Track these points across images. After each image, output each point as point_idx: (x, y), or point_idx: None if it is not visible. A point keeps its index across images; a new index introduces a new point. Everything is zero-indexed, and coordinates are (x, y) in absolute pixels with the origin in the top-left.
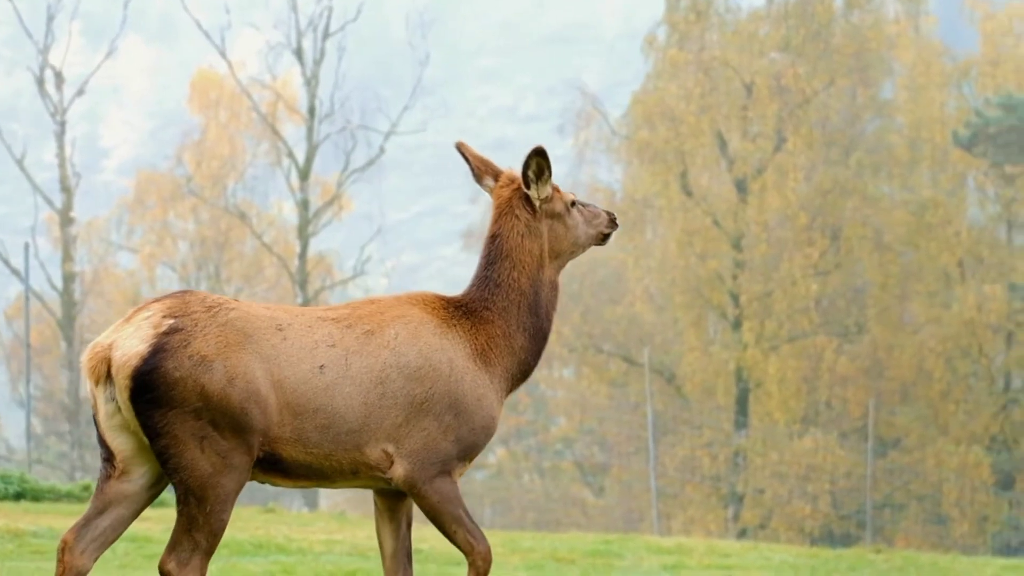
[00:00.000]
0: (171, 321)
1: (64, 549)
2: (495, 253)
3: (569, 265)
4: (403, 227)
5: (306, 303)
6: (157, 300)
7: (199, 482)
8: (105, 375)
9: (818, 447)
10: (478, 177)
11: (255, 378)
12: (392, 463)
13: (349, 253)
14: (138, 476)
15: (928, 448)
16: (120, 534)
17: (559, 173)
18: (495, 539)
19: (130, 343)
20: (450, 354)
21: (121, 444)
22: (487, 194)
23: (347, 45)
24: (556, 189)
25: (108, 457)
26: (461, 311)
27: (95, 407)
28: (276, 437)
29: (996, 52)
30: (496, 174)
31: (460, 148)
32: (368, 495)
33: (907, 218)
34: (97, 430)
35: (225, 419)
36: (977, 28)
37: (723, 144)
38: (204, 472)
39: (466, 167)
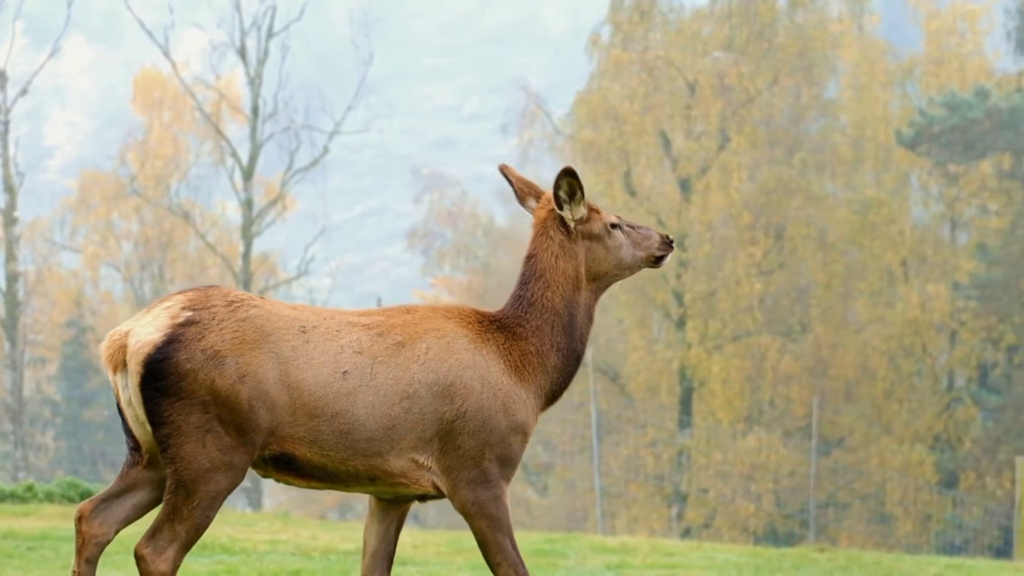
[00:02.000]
0: (189, 313)
1: (80, 519)
2: (529, 273)
3: (512, 264)
4: (347, 227)
5: None
6: (181, 292)
7: (193, 475)
8: (122, 363)
9: (762, 446)
10: (521, 199)
11: (266, 378)
12: (425, 472)
13: (293, 253)
14: (164, 464)
15: (872, 447)
16: (142, 515)
17: None
18: (439, 539)
19: (146, 331)
20: (482, 371)
21: (145, 433)
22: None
23: (291, 44)
24: (595, 210)
25: (135, 446)
26: (496, 326)
27: (117, 396)
28: (288, 436)
29: (940, 51)
30: (538, 195)
31: (504, 171)
32: (310, 495)
33: (851, 217)
34: (121, 418)
35: (232, 416)
36: (921, 27)
37: (667, 143)
38: (201, 466)
39: (406, 170)
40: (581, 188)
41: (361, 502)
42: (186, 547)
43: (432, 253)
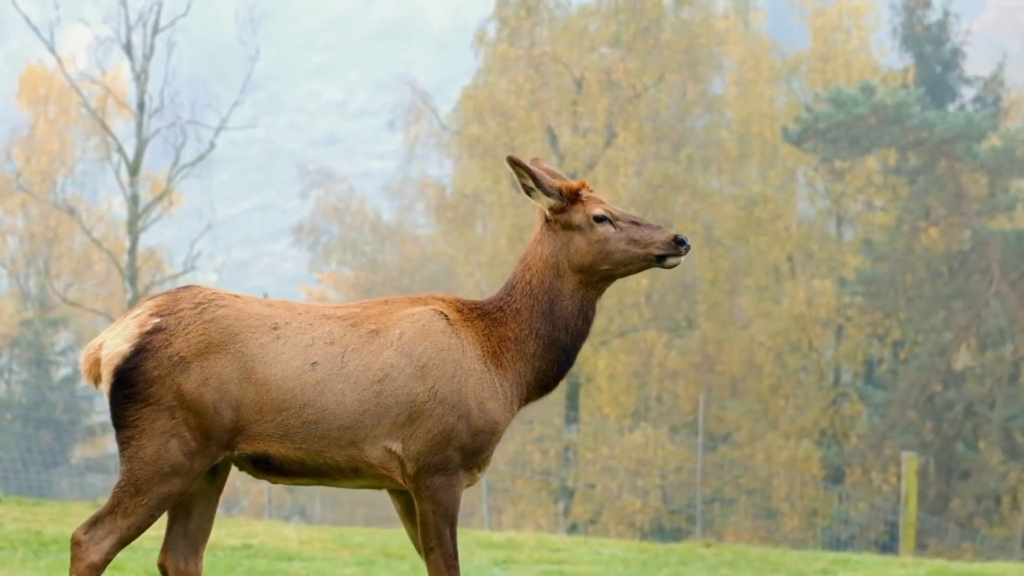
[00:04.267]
0: (156, 320)
1: (166, 570)
2: (518, 260)
3: (399, 260)
4: (233, 222)
5: (135, 299)
6: (152, 298)
7: (149, 476)
8: (100, 375)
9: (648, 442)
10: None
11: (230, 379)
12: (400, 463)
13: (179, 248)
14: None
15: (758, 443)
16: (209, 529)
17: (388, 168)
18: (325, 535)
19: (115, 343)
20: (457, 355)
21: None
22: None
23: (177, 40)
24: (581, 200)
25: None
26: (476, 312)
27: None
28: (257, 435)
29: (826, 47)
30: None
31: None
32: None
33: (737, 213)
34: None
35: (198, 420)
36: (807, 24)
37: (553, 139)
38: (160, 470)
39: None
40: (530, 175)
41: (247, 497)
42: (124, 542)
43: (319, 249)
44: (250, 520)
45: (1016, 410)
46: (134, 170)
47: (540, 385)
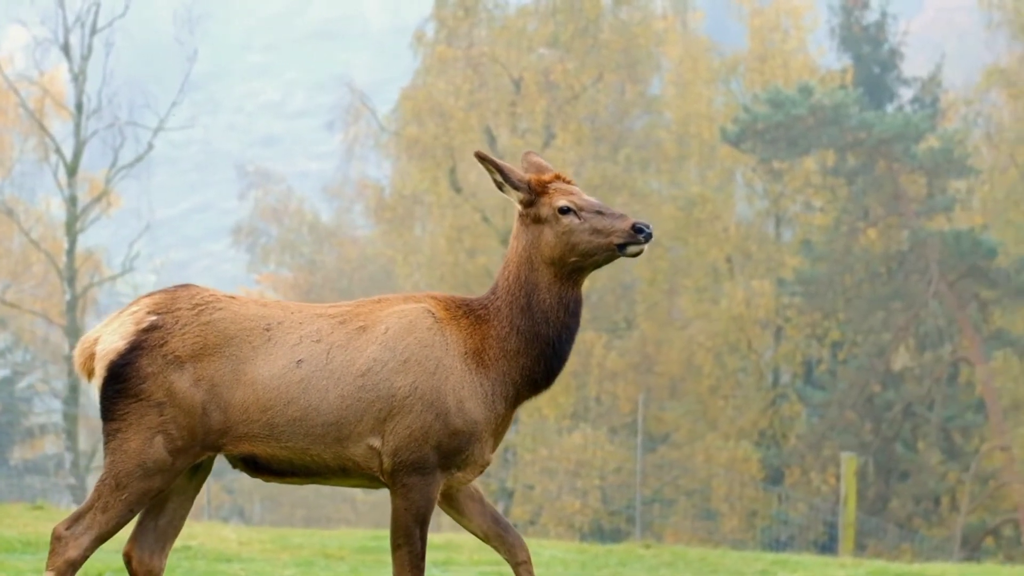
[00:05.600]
0: (153, 318)
1: (130, 561)
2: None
3: (337, 261)
4: (172, 223)
5: (74, 300)
6: (149, 295)
7: (130, 471)
8: (93, 369)
9: (588, 443)
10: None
11: (222, 381)
12: (377, 459)
13: (118, 249)
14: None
15: (697, 443)
16: (180, 528)
17: (326, 169)
18: (264, 536)
19: (111, 339)
20: (440, 351)
21: None
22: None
23: (115, 41)
24: (548, 192)
25: None
26: (463, 311)
27: (94, 399)
28: (243, 435)
29: (764, 48)
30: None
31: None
32: None
33: (675, 213)
34: None
35: (187, 419)
36: (745, 24)
37: (492, 140)
38: (142, 464)
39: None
40: (497, 169)
41: None
42: (102, 538)
43: (257, 250)
44: (189, 521)
45: (955, 410)
46: (72, 171)
47: (529, 382)
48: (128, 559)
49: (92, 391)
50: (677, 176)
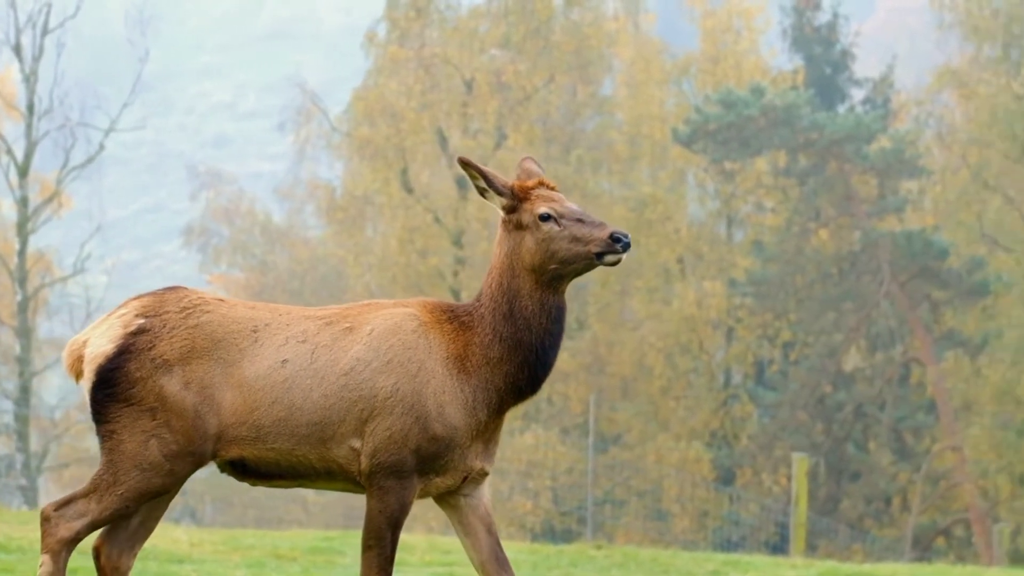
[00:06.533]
0: (141, 321)
1: (98, 556)
2: None
3: (289, 262)
4: (123, 224)
5: (25, 301)
6: (138, 298)
7: (127, 470)
8: (82, 372)
9: (539, 443)
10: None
11: (212, 383)
12: (357, 461)
13: (69, 250)
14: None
15: (649, 444)
16: (152, 529)
17: (278, 170)
18: (216, 537)
19: (99, 342)
20: (422, 355)
21: None
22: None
23: (66, 42)
24: (530, 199)
25: None
26: (448, 316)
27: (85, 401)
28: (234, 439)
29: (716, 49)
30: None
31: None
32: None
33: (627, 214)
34: None
35: (180, 423)
36: (697, 25)
37: (444, 141)
38: (139, 465)
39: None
40: (480, 174)
41: None
42: (96, 525)
43: (209, 250)
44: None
45: (906, 411)
46: (23, 172)
47: (513, 389)
48: (97, 554)
49: (82, 392)
50: (629, 177)
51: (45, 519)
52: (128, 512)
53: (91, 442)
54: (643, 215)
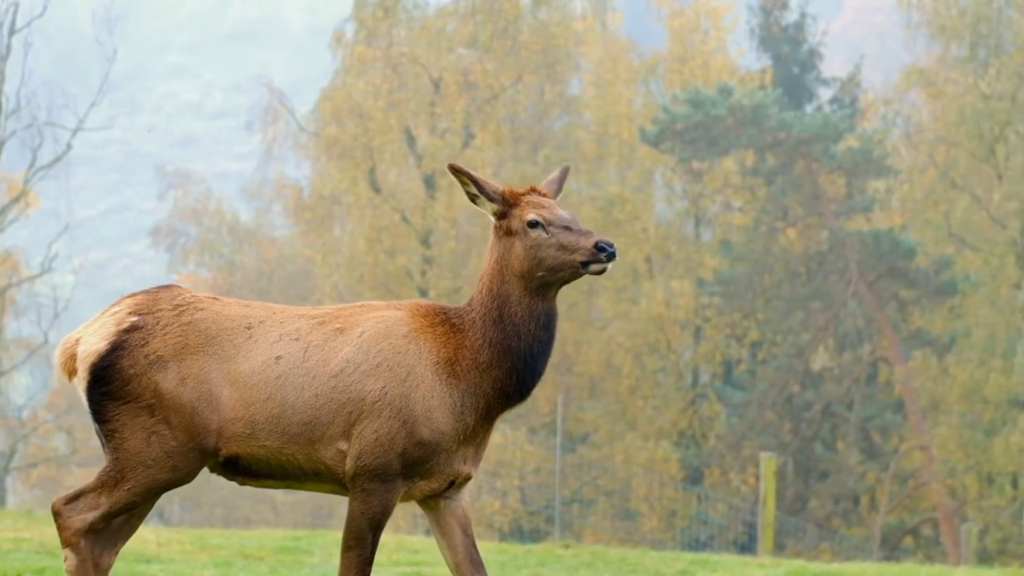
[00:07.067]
0: (134, 319)
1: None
2: None
3: (256, 261)
4: (90, 224)
5: None
6: (131, 296)
7: (133, 466)
8: (75, 370)
9: (507, 443)
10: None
11: (208, 379)
12: (343, 463)
13: (36, 250)
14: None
15: (617, 443)
16: (136, 527)
17: (245, 170)
18: (183, 536)
19: (92, 340)
20: (412, 359)
21: None
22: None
23: (33, 41)
24: (519, 205)
25: None
26: (441, 319)
27: (82, 401)
28: (231, 435)
29: (683, 48)
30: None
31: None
32: (56, 493)
33: (595, 214)
34: (96, 428)
35: (179, 419)
36: (664, 25)
37: (411, 140)
38: (143, 462)
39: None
40: (472, 180)
41: None
42: (108, 516)
43: (176, 250)
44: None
45: (873, 410)
46: None
47: (502, 395)
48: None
49: (76, 390)
50: (596, 176)
51: (56, 514)
52: (140, 504)
53: (58, 441)
54: (611, 215)
